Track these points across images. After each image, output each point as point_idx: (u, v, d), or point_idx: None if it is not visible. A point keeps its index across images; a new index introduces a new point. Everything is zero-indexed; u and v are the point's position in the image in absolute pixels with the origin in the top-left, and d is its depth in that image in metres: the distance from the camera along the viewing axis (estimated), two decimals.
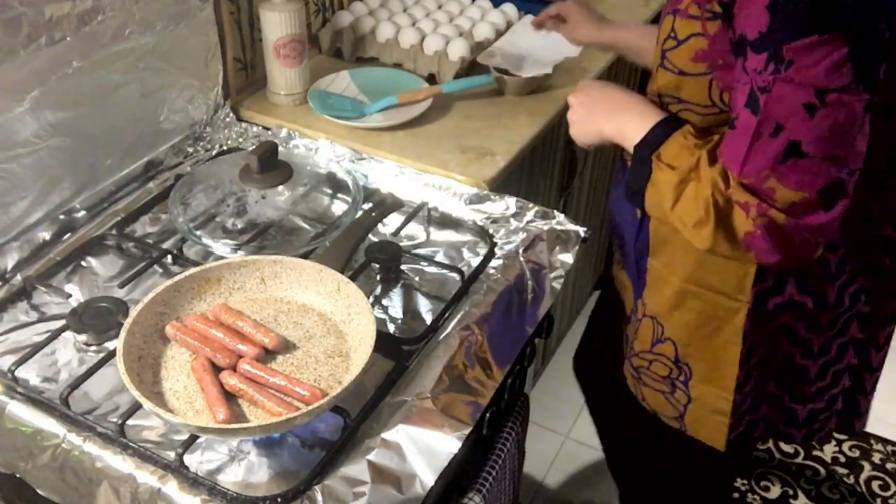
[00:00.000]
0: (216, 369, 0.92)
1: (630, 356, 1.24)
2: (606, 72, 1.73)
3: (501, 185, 1.38)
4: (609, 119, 1.06)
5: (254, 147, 1.21)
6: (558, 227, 1.23)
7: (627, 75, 1.99)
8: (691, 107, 0.98)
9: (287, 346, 0.97)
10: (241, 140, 1.45)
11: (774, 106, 0.83)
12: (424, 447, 0.90)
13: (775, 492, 2.02)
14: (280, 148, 1.23)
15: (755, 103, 0.84)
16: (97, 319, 1.05)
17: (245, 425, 0.86)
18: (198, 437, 0.89)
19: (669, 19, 0.95)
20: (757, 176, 0.86)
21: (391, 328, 1.09)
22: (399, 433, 0.90)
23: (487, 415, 1.09)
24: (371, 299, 1.13)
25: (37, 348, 1.00)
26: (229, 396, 0.90)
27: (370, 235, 1.21)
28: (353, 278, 1.02)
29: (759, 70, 0.83)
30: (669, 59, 0.96)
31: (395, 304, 1.13)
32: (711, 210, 0.89)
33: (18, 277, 1.12)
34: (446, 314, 1.07)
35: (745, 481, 2.04)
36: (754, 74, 0.84)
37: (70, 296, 1.11)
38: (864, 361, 1.15)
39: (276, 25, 1.45)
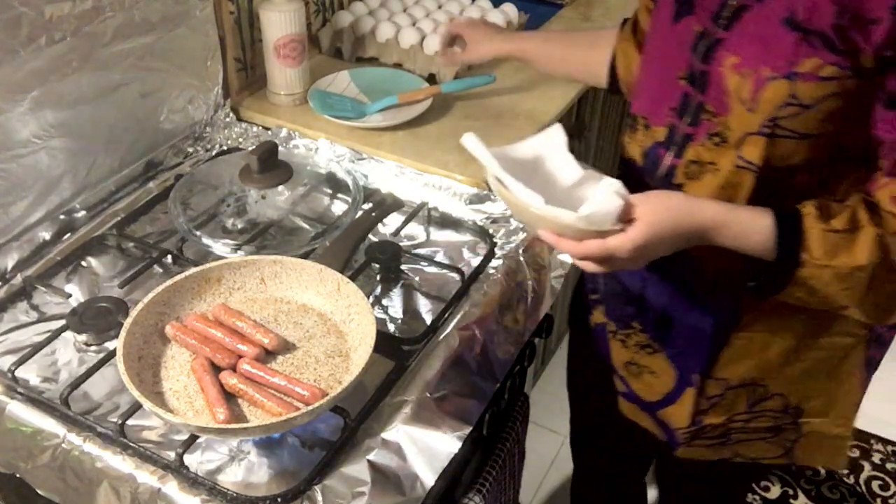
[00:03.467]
0: (216, 369, 0.92)
1: (700, 434, 1.12)
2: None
3: None
4: (667, 247, 0.90)
5: (254, 147, 1.21)
6: None
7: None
8: (801, 169, 0.88)
9: (287, 346, 0.97)
10: (241, 140, 1.45)
11: None
12: (424, 447, 0.90)
13: (775, 492, 2.02)
14: (280, 148, 1.23)
15: None
16: (97, 319, 1.05)
17: (245, 425, 0.86)
18: (198, 437, 0.89)
19: (781, 85, 0.83)
20: None
21: (391, 328, 1.09)
22: (399, 433, 0.90)
23: (487, 415, 1.09)
24: (371, 299, 1.13)
25: (37, 348, 1.00)
26: (229, 396, 0.90)
27: (370, 235, 1.21)
28: (353, 278, 1.02)
29: None
30: (786, 127, 0.85)
31: (395, 304, 1.13)
32: None
33: (18, 277, 1.12)
34: (446, 314, 1.07)
35: None
36: None
37: (70, 296, 1.11)
38: None
39: (276, 25, 1.45)
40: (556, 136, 0.97)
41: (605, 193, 0.85)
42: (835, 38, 0.79)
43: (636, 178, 1.01)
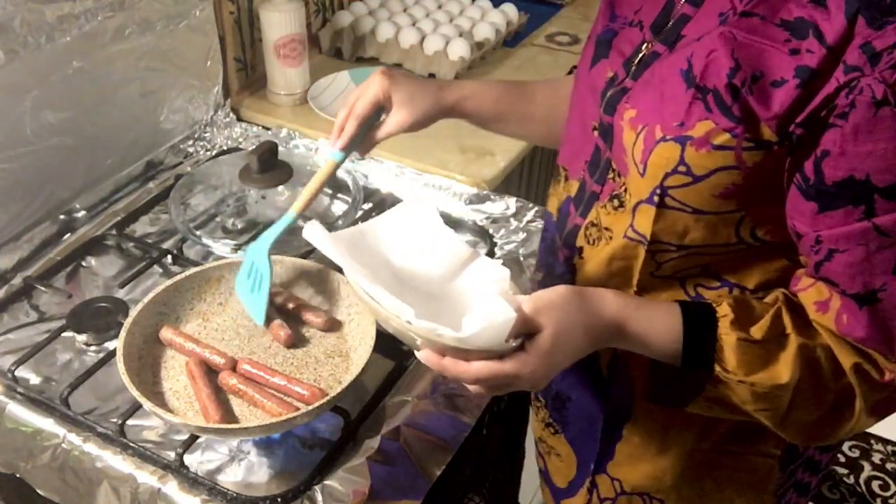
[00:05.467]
0: (212, 371, 0.92)
1: None
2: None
3: (501, 185, 1.38)
4: (571, 358, 0.73)
5: (254, 147, 1.21)
6: None
7: None
8: (699, 250, 0.75)
9: (287, 346, 0.97)
10: (241, 140, 1.45)
11: None
12: (424, 447, 0.90)
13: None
14: (280, 148, 1.23)
15: None
16: (97, 319, 1.05)
17: (245, 425, 0.86)
18: (198, 437, 0.89)
19: (670, 148, 0.70)
20: None
21: None
22: (399, 433, 0.90)
23: (487, 415, 1.09)
24: None
25: (37, 348, 1.00)
26: (229, 397, 0.90)
27: None
28: None
29: None
30: (676, 198, 0.72)
31: None
32: (859, 403, 0.70)
33: (18, 277, 1.12)
34: None
35: None
36: None
37: (70, 296, 1.11)
38: None
39: (276, 25, 1.45)
40: (426, 208, 0.82)
41: (492, 301, 0.67)
42: (729, 99, 0.66)
43: (549, 236, 0.91)
